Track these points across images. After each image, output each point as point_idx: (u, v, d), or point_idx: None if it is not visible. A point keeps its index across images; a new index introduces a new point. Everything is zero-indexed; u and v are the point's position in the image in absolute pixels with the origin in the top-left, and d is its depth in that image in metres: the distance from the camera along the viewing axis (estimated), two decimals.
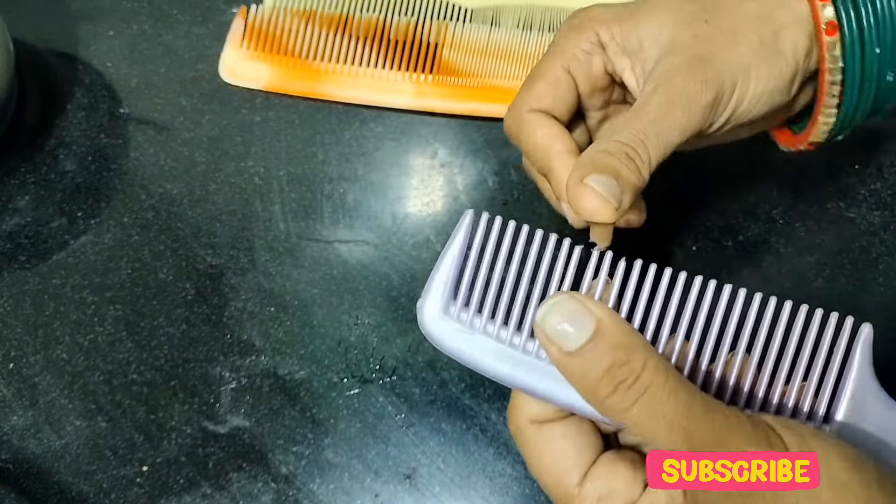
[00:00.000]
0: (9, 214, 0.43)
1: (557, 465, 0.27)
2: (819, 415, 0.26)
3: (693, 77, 0.29)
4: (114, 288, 0.41)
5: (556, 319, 0.24)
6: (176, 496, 0.37)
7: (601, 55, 0.33)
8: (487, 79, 0.45)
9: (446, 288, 0.26)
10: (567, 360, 0.24)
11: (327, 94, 0.46)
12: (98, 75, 0.47)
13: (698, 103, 0.29)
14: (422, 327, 0.27)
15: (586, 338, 0.24)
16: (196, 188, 0.44)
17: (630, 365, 0.23)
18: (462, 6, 0.47)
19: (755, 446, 0.22)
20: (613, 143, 0.29)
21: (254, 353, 0.40)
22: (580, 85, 0.33)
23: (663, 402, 0.23)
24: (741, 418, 0.23)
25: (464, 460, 0.38)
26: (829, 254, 0.42)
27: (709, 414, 0.23)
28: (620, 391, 0.23)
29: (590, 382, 0.24)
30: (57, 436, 0.38)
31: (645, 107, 0.29)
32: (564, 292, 0.25)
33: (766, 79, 0.30)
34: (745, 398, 0.26)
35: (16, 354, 0.40)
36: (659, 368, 0.23)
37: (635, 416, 0.23)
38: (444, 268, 0.27)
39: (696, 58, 0.30)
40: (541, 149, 0.32)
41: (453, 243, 0.27)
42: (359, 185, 0.44)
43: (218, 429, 0.38)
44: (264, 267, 0.42)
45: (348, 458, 0.38)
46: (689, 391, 0.23)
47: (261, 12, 0.47)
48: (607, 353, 0.24)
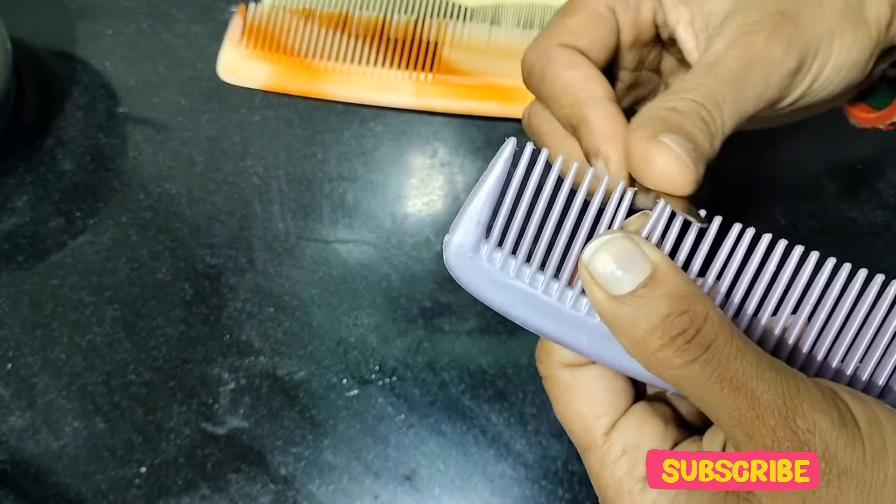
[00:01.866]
0: (7, 214, 0.43)
1: (587, 411, 0.24)
2: (878, 385, 0.24)
3: (777, 36, 0.25)
4: (112, 288, 0.41)
5: (605, 259, 0.21)
6: (174, 497, 0.37)
7: (653, 1, 0.28)
8: (488, 78, 0.45)
9: (478, 224, 0.23)
10: (614, 307, 0.21)
11: (327, 93, 0.45)
12: (96, 74, 0.47)
13: (780, 69, 0.25)
14: (448, 266, 0.24)
15: (640, 282, 0.21)
16: (195, 188, 0.44)
17: (690, 315, 0.20)
18: (462, 5, 0.47)
19: (824, 414, 0.20)
20: (685, 100, 0.24)
21: (253, 353, 0.40)
22: (623, 31, 0.28)
23: (730, 360, 0.20)
24: (808, 383, 0.21)
25: (464, 461, 0.38)
26: (831, 253, 0.42)
27: (778, 376, 0.20)
28: (677, 344, 0.20)
29: (639, 332, 0.21)
30: (55, 437, 0.38)
31: (720, 64, 0.25)
32: (617, 230, 0.22)
33: (850, 47, 0.26)
34: (801, 362, 0.24)
35: (14, 355, 0.40)
36: (724, 323, 0.21)
37: (694, 374, 0.20)
38: (478, 202, 0.23)
39: (780, 14, 0.25)
40: (573, 93, 0.26)
41: (490, 175, 0.23)
42: (358, 184, 0.44)
43: (217, 430, 0.38)
44: (263, 267, 0.42)
45: (348, 460, 0.38)
46: (755, 351, 0.21)
47: (260, 11, 0.47)
48: (664, 300, 0.21)
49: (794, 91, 0.27)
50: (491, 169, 0.23)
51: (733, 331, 0.21)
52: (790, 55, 0.25)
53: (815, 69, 0.26)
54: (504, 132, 0.45)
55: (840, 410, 0.20)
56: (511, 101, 0.44)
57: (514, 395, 0.39)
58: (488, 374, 0.39)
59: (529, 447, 0.38)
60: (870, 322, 0.24)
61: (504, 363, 0.39)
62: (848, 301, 0.24)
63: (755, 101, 0.25)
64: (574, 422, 0.25)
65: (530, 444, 0.38)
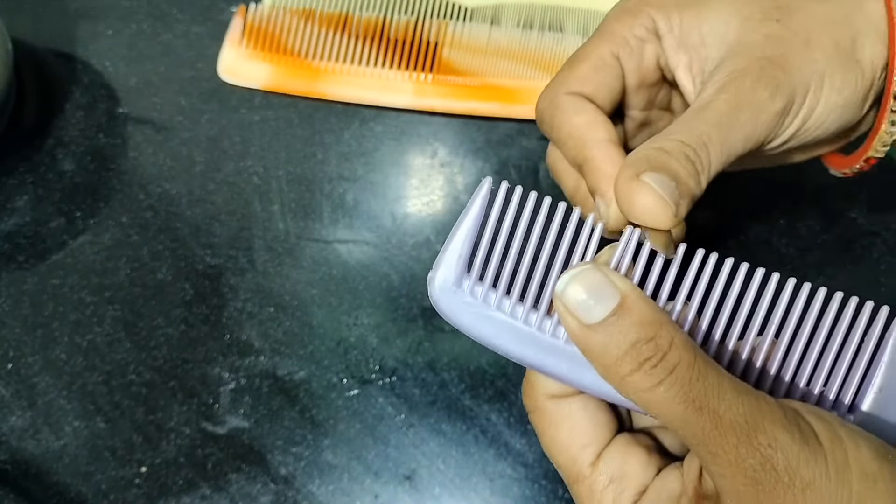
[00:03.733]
0: (7, 214, 0.43)
1: (573, 442, 0.26)
2: (844, 404, 0.25)
3: (764, 80, 0.27)
4: (112, 288, 0.41)
5: (577, 290, 0.23)
6: (175, 497, 0.37)
7: (655, 45, 0.30)
8: (487, 78, 0.45)
9: (460, 260, 0.25)
10: (587, 334, 0.22)
11: (327, 93, 0.45)
12: (97, 74, 0.47)
13: (768, 110, 0.27)
14: (432, 301, 0.25)
15: (609, 311, 0.22)
16: (195, 188, 0.44)
17: (656, 341, 0.22)
18: (462, 5, 0.47)
19: (785, 431, 0.21)
20: (672, 141, 0.26)
21: (253, 353, 0.40)
22: (628, 76, 0.30)
23: (692, 382, 0.21)
24: (771, 403, 0.22)
25: (464, 461, 0.38)
26: (831, 253, 0.42)
27: (739, 396, 0.21)
28: (645, 369, 0.22)
29: (611, 359, 0.22)
30: (55, 436, 0.38)
31: (708, 107, 0.26)
32: (587, 263, 0.24)
33: (841, 89, 0.28)
34: (770, 383, 0.25)
35: (14, 355, 0.40)
36: (687, 347, 0.22)
37: (660, 396, 0.22)
38: (459, 239, 0.25)
39: (766, 60, 0.27)
40: (577, 136, 0.29)
41: (469, 213, 0.25)
42: (358, 184, 0.44)
43: (217, 429, 0.38)
44: (263, 267, 0.42)
45: (348, 459, 0.38)
46: (718, 372, 0.22)
47: (260, 11, 0.47)
48: (632, 328, 0.22)
49: (785, 131, 0.28)
50: (469, 207, 0.25)
51: (697, 354, 0.22)
52: (777, 97, 0.27)
53: (804, 110, 0.28)
54: (504, 132, 0.45)
55: (801, 428, 0.21)
56: (511, 101, 0.44)
57: (514, 395, 0.39)
58: (488, 374, 0.39)
59: (529, 447, 0.38)
60: (832, 340, 0.25)
61: (504, 363, 0.39)
62: (810, 321, 0.25)
63: (743, 141, 0.27)
64: (560, 453, 0.26)
65: (530, 444, 0.38)
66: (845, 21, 0.28)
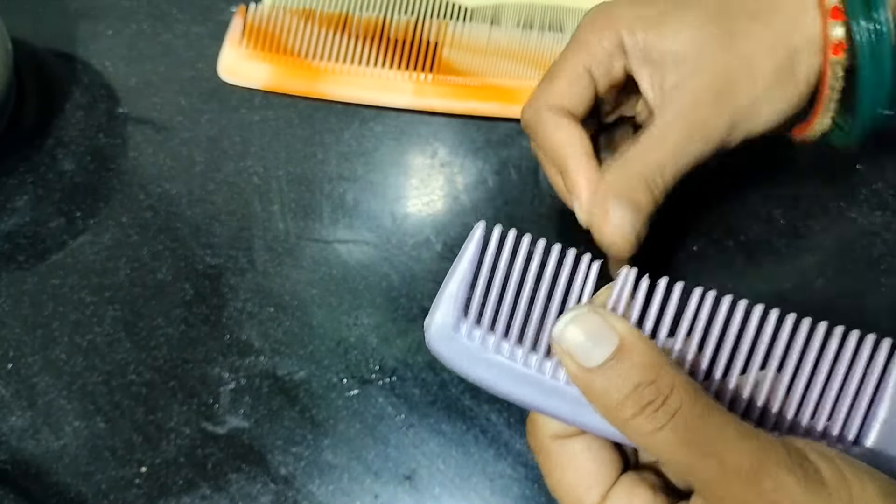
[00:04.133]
0: (7, 214, 0.43)
1: (578, 483, 0.26)
2: (848, 439, 0.25)
3: (714, 112, 0.32)
4: (112, 288, 0.41)
5: (575, 334, 0.23)
6: (175, 497, 0.37)
7: (622, 59, 0.34)
8: (488, 78, 0.45)
9: (456, 304, 0.25)
10: (587, 378, 0.23)
11: (327, 93, 0.45)
12: (96, 74, 0.47)
13: (717, 136, 0.32)
14: (430, 347, 0.26)
15: (608, 354, 0.22)
16: (195, 188, 0.44)
17: (657, 385, 0.22)
18: (462, 5, 0.47)
19: (790, 473, 0.21)
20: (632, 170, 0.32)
21: (253, 353, 0.40)
22: (599, 84, 0.34)
23: (695, 426, 0.21)
24: (775, 444, 0.22)
25: (464, 461, 0.38)
26: (831, 254, 0.42)
27: (743, 439, 0.21)
28: (647, 413, 0.22)
29: (613, 402, 0.22)
30: (55, 437, 0.38)
31: (666, 137, 0.32)
32: (584, 305, 0.24)
33: (779, 103, 0.32)
34: (773, 419, 0.25)
35: (14, 355, 0.40)
36: (688, 389, 0.22)
37: (663, 440, 0.22)
38: (454, 283, 0.25)
39: (716, 93, 0.32)
40: (558, 150, 0.34)
41: (463, 257, 0.25)
42: (358, 184, 0.44)
43: (217, 429, 0.38)
44: (263, 267, 0.42)
45: (348, 459, 0.38)
46: (721, 414, 0.22)
47: (260, 11, 0.47)
48: (632, 371, 0.22)
49: (733, 143, 0.33)
50: (464, 252, 0.25)
51: (699, 397, 0.22)
52: (725, 125, 0.32)
53: (749, 126, 0.33)
54: (504, 132, 0.45)
55: (806, 469, 0.21)
56: (511, 101, 0.44)
57: None
58: None
59: (529, 447, 0.38)
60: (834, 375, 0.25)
61: None
62: (811, 355, 0.24)
63: (695, 161, 0.32)
64: (567, 495, 0.26)
65: None
66: (784, 43, 0.32)
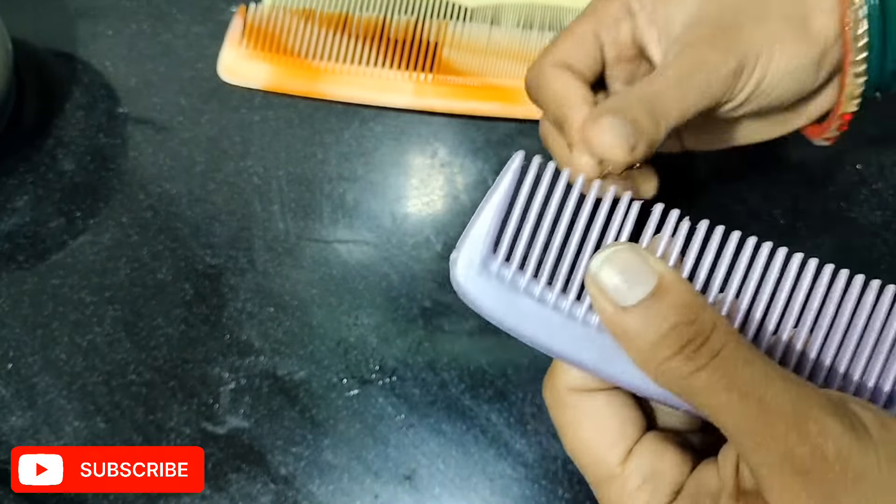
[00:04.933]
0: (7, 214, 0.43)
1: (599, 441, 0.24)
2: (884, 393, 0.24)
3: (716, 46, 0.29)
4: (112, 288, 0.41)
5: (611, 271, 0.21)
6: (175, 497, 0.37)
7: (629, 22, 0.32)
8: (487, 78, 0.45)
9: (487, 238, 0.23)
10: (622, 318, 0.21)
11: (327, 93, 0.45)
12: (97, 74, 0.47)
13: (719, 70, 0.29)
14: (455, 284, 0.24)
15: (647, 293, 0.21)
16: (195, 188, 0.44)
17: (698, 324, 0.21)
18: (462, 5, 0.47)
19: (834, 417, 0.20)
20: (631, 95, 0.29)
21: (253, 353, 0.40)
22: (606, 50, 0.33)
23: (737, 367, 0.20)
24: (818, 391, 0.21)
25: (464, 461, 0.38)
26: (831, 254, 0.42)
27: (786, 383, 0.20)
28: (686, 353, 0.21)
29: (648, 342, 0.21)
30: (55, 437, 0.38)
31: (666, 70, 0.30)
32: (621, 242, 0.23)
33: (792, 55, 0.30)
34: (808, 371, 0.24)
35: (14, 355, 0.40)
36: (731, 331, 0.21)
37: (703, 382, 0.20)
38: (486, 217, 0.23)
39: (720, 28, 0.30)
40: (558, 98, 0.32)
41: (497, 189, 0.23)
42: (358, 184, 0.44)
43: (217, 429, 0.38)
44: (263, 267, 0.42)
45: (348, 459, 0.38)
46: (763, 358, 0.21)
47: (260, 11, 0.47)
48: (671, 310, 0.21)
49: (741, 92, 0.30)
50: (499, 182, 0.23)
51: (741, 339, 0.21)
52: (729, 59, 0.29)
53: (757, 73, 0.30)
54: (504, 132, 0.45)
55: (851, 417, 0.20)
56: (511, 101, 0.44)
57: (514, 395, 0.39)
58: (488, 374, 0.39)
59: (529, 447, 0.38)
60: (871, 327, 0.24)
61: (504, 363, 0.39)
62: (848, 307, 0.23)
63: (699, 97, 0.29)
64: (585, 453, 0.25)
65: (530, 444, 0.38)
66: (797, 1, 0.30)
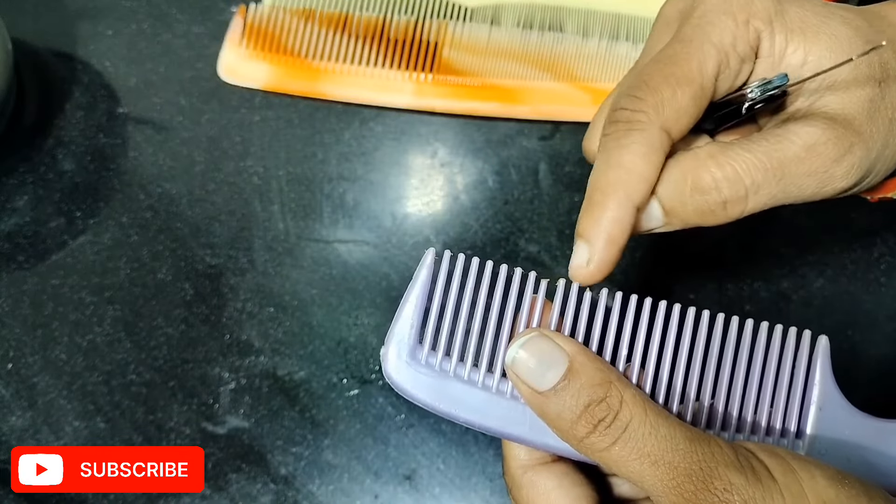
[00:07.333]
0: (7, 214, 0.43)
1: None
2: (791, 431, 0.25)
3: (846, 160, 0.25)
4: (112, 288, 0.41)
5: (526, 358, 0.24)
6: (175, 497, 0.37)
7: (751, 65, 0.26)
8: (488, 78, 0.45)
9: (411, 332, 0.25)
10: (541, 401, 0.23)
11: (327, 93, 0.45)
12: (97, 74, 0.47)
13: (833, 185, 0.26)
14: (387, 377, 0.25)
15: (559, 376, 0.23)
16: (195, 188, 0.44)
17: (607, 402, 0.23)
18: (462, 5, 0.47)
19: (739, 473, 0.22)
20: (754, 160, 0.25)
21: (253, 353, 0.40)
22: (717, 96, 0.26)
23: (645, 438, 0.22)
24: (723, 447, 0.22)
25: (464, 461, 0.38)
26: (831, 253, 0.42)
27: (692, 444, 0.22)
28: (599, 430, 0.23)
29: (566, 423, 0.23)
30: (55, 436, 0.38)
31: (787, 166, 0.25)
32: (533, 329, 0.24)
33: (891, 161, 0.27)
34: (719, 421, 0.26)
35: (14, 355, 0.40)
36: (637, 402, 0.23)
37: (617, 454, 0.22)
38: (408, 311, 0.25)
39: (857, 135, 0.25)
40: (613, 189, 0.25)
41: (416, 283, 0.25)
42: (358, 184, 0.44)
43: (217, 429, 0.38)
44: (263, 267, 0.42)
45: (348, 459, 0.38)
46: (669, 423, 0.23)
47: (260, 11, 0.47)
48: (582, 391, 0.23)
49: (839, 194, 0.27)
50: (415, 278, 0.25)
51: (647, 408, 0.23)
52: (849, 178, 0.26)
53: (864, 184, 0.27)
54: (504, 132, 0.45)
55: (755, 467, 0.22)
56: (511, 101, 0.44)
57: None
58: None
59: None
60: (767, 370, 0.25)
61: None
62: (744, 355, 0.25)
63: (791, 199, 0.26)
64: None
65: None
66: None
